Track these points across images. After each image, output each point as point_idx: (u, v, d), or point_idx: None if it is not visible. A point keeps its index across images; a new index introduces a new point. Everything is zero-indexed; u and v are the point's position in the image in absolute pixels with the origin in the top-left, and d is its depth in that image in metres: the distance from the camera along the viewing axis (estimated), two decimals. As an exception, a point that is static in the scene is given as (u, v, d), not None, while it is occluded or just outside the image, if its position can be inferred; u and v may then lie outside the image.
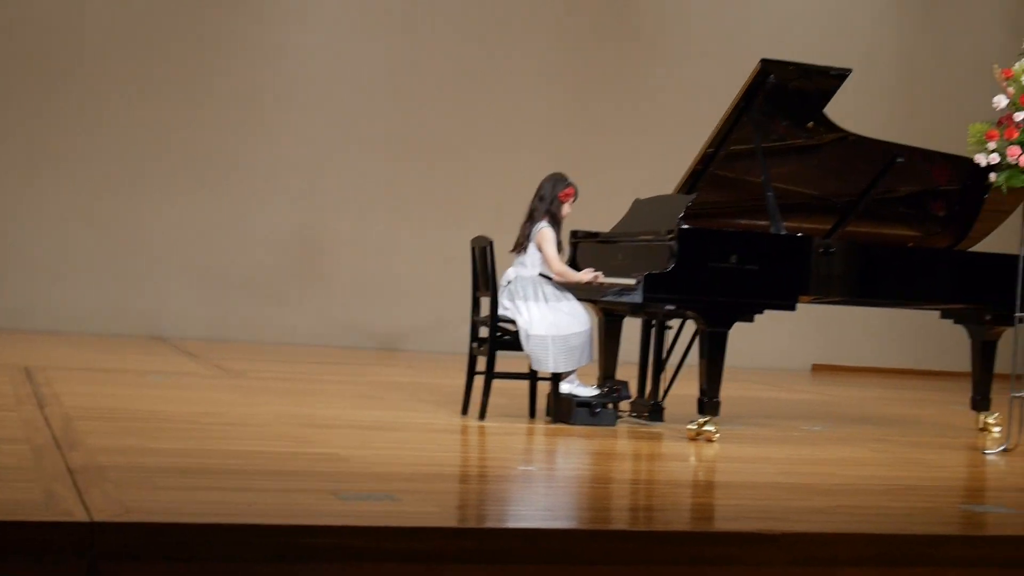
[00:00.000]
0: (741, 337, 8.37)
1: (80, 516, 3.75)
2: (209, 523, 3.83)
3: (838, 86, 7.45)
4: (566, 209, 7.41)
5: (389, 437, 6.42)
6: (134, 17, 12.62)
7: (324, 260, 13.11)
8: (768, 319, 7.37)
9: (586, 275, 7.28)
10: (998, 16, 14.30)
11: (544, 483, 5.49)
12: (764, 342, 13.10)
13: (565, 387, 7.30)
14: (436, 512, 4.35)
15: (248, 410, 7.12)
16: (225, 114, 12.83)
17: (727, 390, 7.26)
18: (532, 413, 7.47)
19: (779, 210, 7.25)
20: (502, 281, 7.34)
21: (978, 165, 6.73)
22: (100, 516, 3.75)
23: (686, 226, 6.94)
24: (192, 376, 9.03)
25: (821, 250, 7.17)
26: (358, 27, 13.21)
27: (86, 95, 12.55)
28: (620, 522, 4.64)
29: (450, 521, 4.30)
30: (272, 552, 3.76)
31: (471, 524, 4.38)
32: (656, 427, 7.43)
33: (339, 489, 4.57)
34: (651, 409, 7.67)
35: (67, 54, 12.52)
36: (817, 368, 14.20)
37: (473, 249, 7.47)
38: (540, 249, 7.30)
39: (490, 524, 4.42)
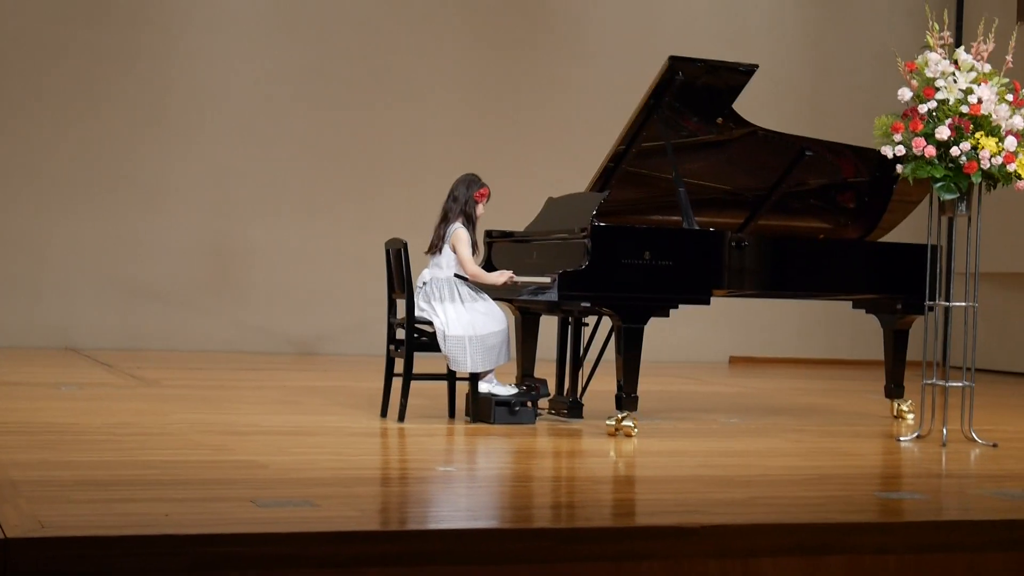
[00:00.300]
0: (658, 331, 8.45)
1: (-7, 533, 3.69)
2: (126, 535, 3.78)
3: (746, 82, 7.53)
4: (480, 209, 7.41)
5: (307, 442, 6.39)
6: (33, 27, 12.43)
7: (237, 266, 13.01)
8: (684, 313, 7.43)
9: (500, 277, 7.30)
10: (902, 10, 14.51)
11: (465, 483, 5.49)
12: (681, 336, 13.21)
13: (484, 387, 7.31)
14: (356, 516, 4.33)
15: (164, 419, 7.04)
16: (132, 123, 12.68)
17: (645, 385, 7.30)
18: (451, 413, 7.47)
19: (691, 205, 7.31)
20: (417, 283, 7.33)
21: (885, 157, 6.82)
22: (14, 532, 3.70)
23: (599, 224, 6.97)
24: (106, 387, 8.92)
25: (733, 244, 7.24)
26: (265, 31, 13.12)
27: (-9, 105, 12.36)
28: (542, 520, 4.65)
29: (370, 525, 4.29)
30: (191, 562, 3.73)
31: (392, 527, 4.37)
32: (575, 424, 7.46)
33: (257, 496, 4.54)
34: (570, 406, 7.70)
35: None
36: (734, 360, 14.32)
37: (388, 251, 7.45)
38: (455, 250, 7.30)
39: (411, 527, 4.42)
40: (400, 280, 7.32)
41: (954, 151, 6.60)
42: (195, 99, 12.88)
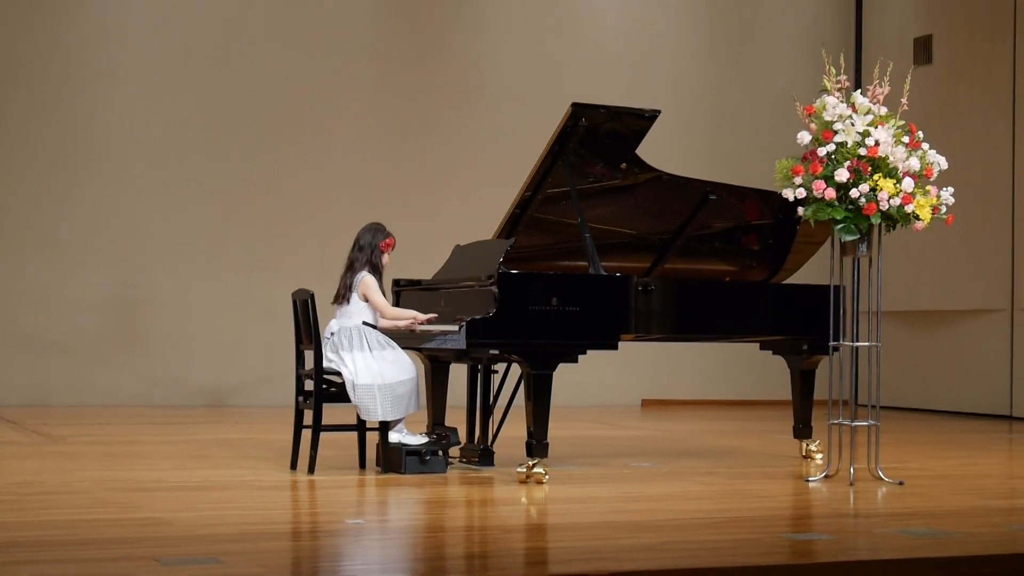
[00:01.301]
0: (569, 376, 8.46)
1: None
2: (26, 599, 3.72)
3: (649, 127, 7.60)
4: (385, 259, 7.40)
5: (214, 497, 6.31)
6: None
7: (144, 318, 12.85)
8: (596, 357, 7.46)
9: (420, 316, 7.30)
10: (803, 54, 14.73)
11: (377, 535, 5.45)
12: (593, 380, 13.24)
13: (394, 436, 7.28)
14: (262, 572, 4.28)
15: (69, 476, 6.93)
16: (34, 173, 12.52)
17: (557, 430, 7.31)
18: (362, 464, 7.42)
19: (598, 250, 7.34)
20: (325, 333, 7.30)
21: (787, 200, 6.90)
22: (-91, 599, 3.62)
23: (506, 270, 6.98)
24: (11, 445, 8.76)
25: (640, 288, 7.28)
26: (168, 80, 13.02)
27: None
28: (455, 572, 4.62)
29: (278, 581, 4.24)
30: (93, 625, 3.66)
31: (300, 583, 4.33)
32: (486, 471, 7.44)
33: (162, 555, 4.47)
34: (481, 454, 7.68)
35: None
36: (647, 403, 14.38)
37: (295, 302, 7.41)
38: (367, 299, 7.27)
39: (320, 581, 4.37)
40: (308, 331, 7.28)
41: (853, 193, 6.70)
42: (98, 148, 12.73)
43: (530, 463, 6.94)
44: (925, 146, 6.90)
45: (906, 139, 6.84)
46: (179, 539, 4.94)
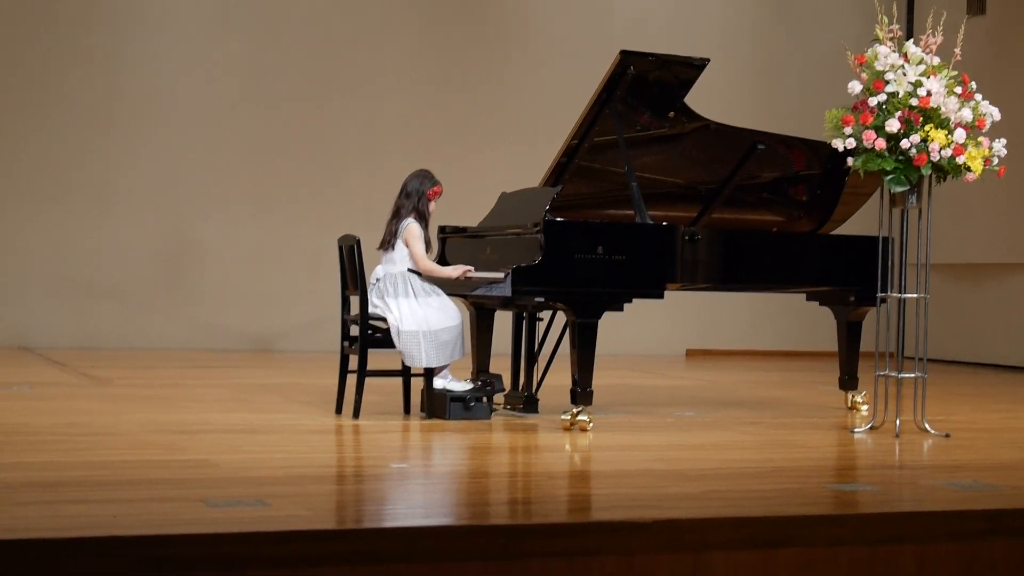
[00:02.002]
0: (614, 325, 8.45)
1: (-62, 536, 3.65)
2: (74, 537, 3.75)
3: (697, 75, 7.54)
4: (432, 207, 7.39)
5: (260, 440, 6.35)
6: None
7: (191, 265, 12.92)
8: (641, 306, 7.43)
9: (454, 271, 7.29)
10: (854, 3, 14.56)
11: (420, 480, 5.47)
12: (638, 330, 13.21)
13: (439, 383, 7.29)
14: (309, 515, 4.30)
15: (115, 418, 6.99)
16: (83, 124, 12.57)
17: (601, 379, 7.31)
18: (407, 410, 7.45)
19: (644, 200, 7.31)
20: (371, 279, 7.30)
21: (836, 150, 6.84)
22: (-41, 536, 3.66)
23: (552, 218, 6.97)
24: (59, 386, 8.85)
25: (686, 238, 7.25)
26: (213, 29, 13.02)
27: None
28: (497, 517, 4.64)
29: (324, 524, 4.26)
30: (140, 563, 3.70)
31: (346, 526, 4.35)
32: (531, 419, 7.45)
33: (208, 496, 4.50)
34: (525, 401, 7.69)
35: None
36: (691, 353, 14.35)
37: (340, 248, 7.42)
38: (407, 245, 7.27)
39: (366, 525, 4.39)
40: (353, 276, 7.28)
41: (904, 144, 6.63)
42: (145, 100, 12.77)
43: (574, 411, 6.95)
44: (978, 97, 6.81)
45: (959, 89, 6.76)
46: (225, 481, 4.97)
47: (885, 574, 4.47)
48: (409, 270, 7.28)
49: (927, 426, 6.98)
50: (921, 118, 6.64)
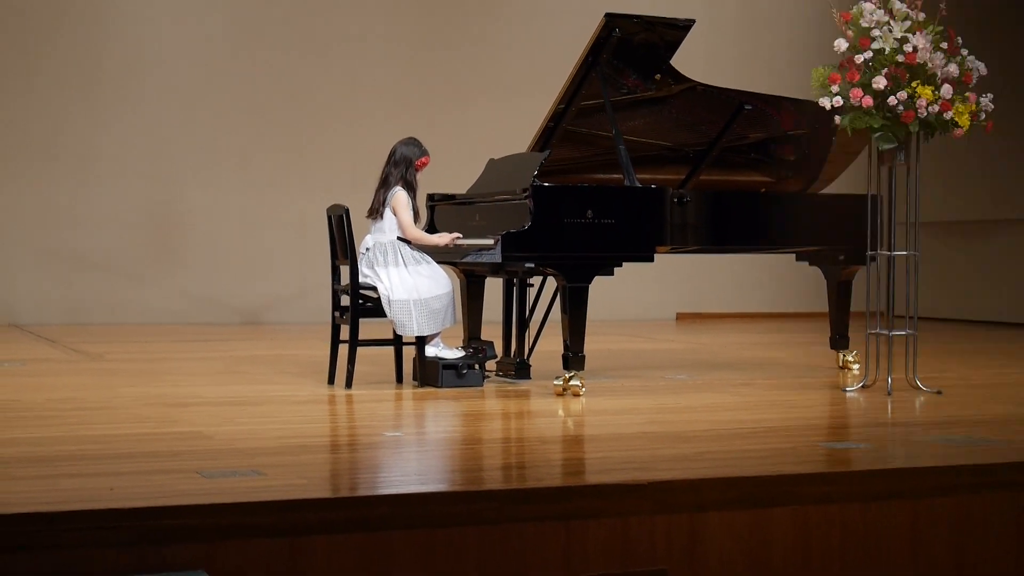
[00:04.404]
0: (604, 290, 8.45)
1: (-66, 513, 3.65)
2: (70, 510, 3.75)
3: (683, 37, 7.52)
4: (420, 176, 7.38)
5: (253, 412, 6.35)
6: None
7: (178, 236, 12.89)
8: (630, 271, 7.43)
9: (443, 238, 7.28)
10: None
11: (414, 448, 5.48)
12: (628, 294, 13.22)
13: (430, 350, 7.29)
14: (304, 484, 4.31)
15: (107, 393, 6.98)
16: (65, 89, 12.51)
17: (592, 344, 7.31)
18: (399, 378, 7.45)
19: (632, 163, 7.30)
20: (360, 248, 7.29)
21: (823, 109, 6.83)
22: (-45, 511, 3.66)
23: (540, 183, 6.96)
24: (49, 362, 8.84)
25: (675, 200, 7.24)
26: (201, -2, 12.98)
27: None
28: (492, 482, 4.65)
29: (319, 492, 4.26)
30: (137, 535, 3.70)
31: (341, 494, 4.35)
32: (523, 385, 7.46)
33: (203, 467, 4.51)
34: (517, 367, 7.70)
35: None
36: (681, 316, 14.37)
37: (330, 217, 7.41)
38: (395, 214, 7.26)
39: (361, 492, 4.40)
40: (343, 246, 7.28)
41: (891, 100, 6.61)
42: (128, 63, 12.70)
43: (567, 375, 6.95)
44: (964, 52, 6.80)
45: (945, 45, 6.74)
46: (219, 452, 4.97)
47: (879, 531, 4.50)
48: (399, 239, 7.27)
49: (919, 383, 6.99)
50: (907, 74, 6.62)
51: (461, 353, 7.34)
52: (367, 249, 7.30)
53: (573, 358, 6.97)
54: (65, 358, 9.12)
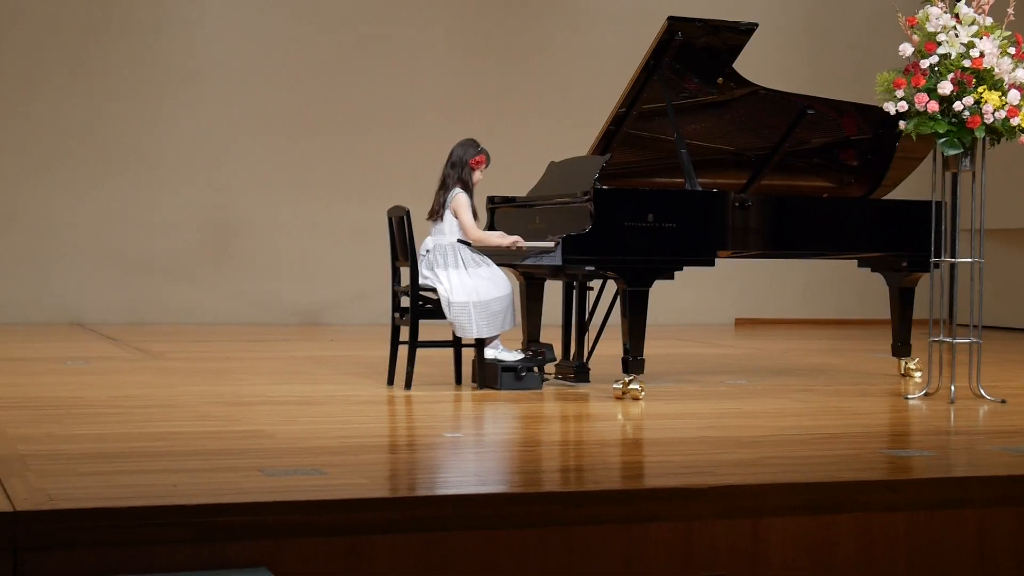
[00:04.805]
0: (663, 294, 8.43)
1: (2, 507, 3.69)
2: (134, 506, 3.79)
3: (746, 40, 7.49)
4: (477, 176, 7.38)
5: (314, 411, 6.39)
6: (30, 2, 12.38)
7: (238, 239, 12.98)
8: (689, 275, 7.41)
9: (504, 239, 7.28)
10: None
11: (473, 449, 5.48)
12: (686, 298, 13.18)
13: (490, 353, 7.30)
14: (364, 483, 4.33)
15: (170, 391, 7.04)
16: (131, 95, 12.64)
17: (651, 348, 7.29)
18: (458, 380, 7.46)
19: (694, 167, 7.28)
20: (421, 250, 7.31)
21: (887, 113, 6.78)
22: (23, 505, 3.70)
23: (602, 187, 6.95)
24: (112, 360, 8.93)
25: (737, 204, 7.21)
26: (260, 2, 13.05)
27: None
28: (551, 484, 4.65)
29: (379, 492, 4.28)
30: (199, 532, 3.73)
31: (401, 494, 4.36)
32: (582, 388, 7.45)
33: (265, 466, 4.54)
34: (576, 370, 7.69)
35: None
36: (740, 322, 14.30)
37: (390, 219, 7.43)
38: (456, 216, 7.27)
39: (420, 492, 4.41)
40: (403, 248, 7.29)
41: (957, 106, 6.56)
42: (189, 70, 12.82)
43: (626, 379, 6.94)
44: (1032, 57, 6.73)
45: (1012, 50, 6.67)
46: (281, 451, 5.00)
47: (945, 539, 4.45)
48: (459, 241, 7.28)
49: (982, 392, 6.92)
50: (974, 80, 6.56)
51: (520, 355, 7.34)
52: (427, 251, 7.31)
53: (633, 362, 6.95)
54: (128, 357, 9.20)
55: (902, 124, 6.75)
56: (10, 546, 3.55)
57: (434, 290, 7.23)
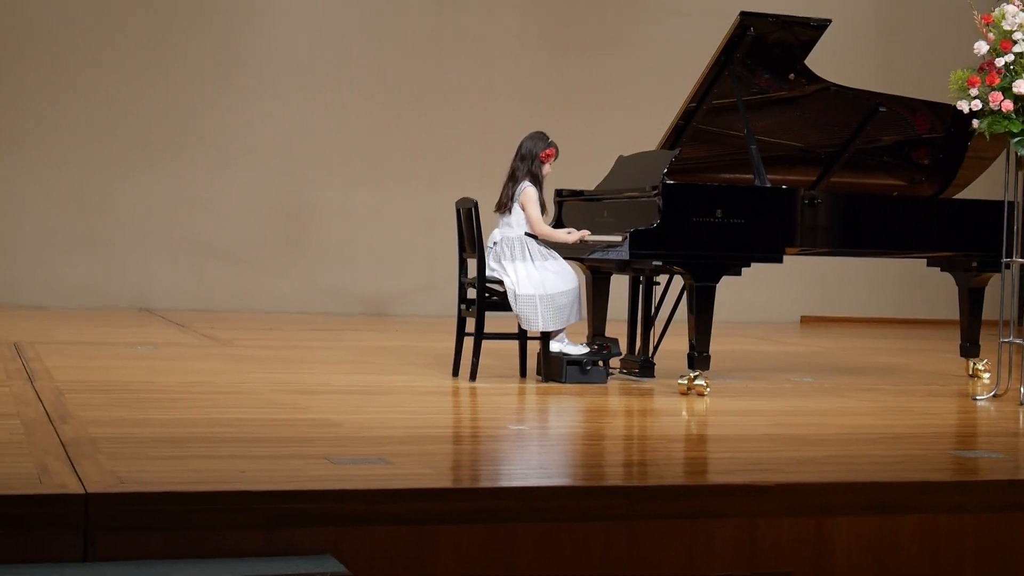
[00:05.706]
0: (729, 291, 8.40)
1: (74, 488, 3.75)
2: (203, 491, 3.83)
3: (818, 37, 7.44)
4: (546, 169, 7.38)
5: (381, 401, 6.42)
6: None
7: (307, 227, 13.08)
8: (756, 272, 7.38)
9: (571, 236, 7.28)
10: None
11: (537, 442, 5.50)
12: (752, 295, 13.13)
13: (555, 346, 7.30)
14: (430, 473, 4.35)
15: (238, 378, 7.11)
16: (202, 82, 12.77)
17: (717, 344, 7.27)
18: (523, 373, 7.48)
19: (763, 163, 7.24)
20: (488, 242, 7.32)
21: (960, 112, 6.71)
22: (94, 488, 3.76)
23: (670, 181, 6.93)
24: (181, 346, 9.02)
25: (806, 201, 7.17)
26: (336, -9, 13.15)
27: (57, 70, 12.44)
28: (614, 478, 4.65)
29: (444, 482, 4.31)
30: (266, 518, 3.77)
31: (465, 484, 4.39)
32: (647, 383, 7.45)
33: (332, 454, 4.57)
34: (641, 365, 7.68)
35: (32, 29, 12.43)
36: (806, 320, 14.22)
37: (458, 211, 7.45)
38: (524, 209, 7.28)
39: (484, 484, 4.43)
40: (471, 239, 7.31)
41: (1032, 105, 6.49)
42: (262, 59, 12.93)
43: (691, 375, 6.92)
44: (1109, 57, 6.64)
45: (1089, 49, 6.59)
46: (348, 439, 5.04)
47: (1013, 542, 4.41)
48: (526, 234, 7.29)
49: (1052, 394, 6.84)
50: (1050, 79, 6.49)
51: (586, 349, 7.34)
52: (494, 243, 7.33)
53: (698, 357, 6.94)
54: (196, 343, 9.29)
55: (975, 123, 6.69)
56: (81, 527, 3.61)
57: (501, 282, 7.24)
